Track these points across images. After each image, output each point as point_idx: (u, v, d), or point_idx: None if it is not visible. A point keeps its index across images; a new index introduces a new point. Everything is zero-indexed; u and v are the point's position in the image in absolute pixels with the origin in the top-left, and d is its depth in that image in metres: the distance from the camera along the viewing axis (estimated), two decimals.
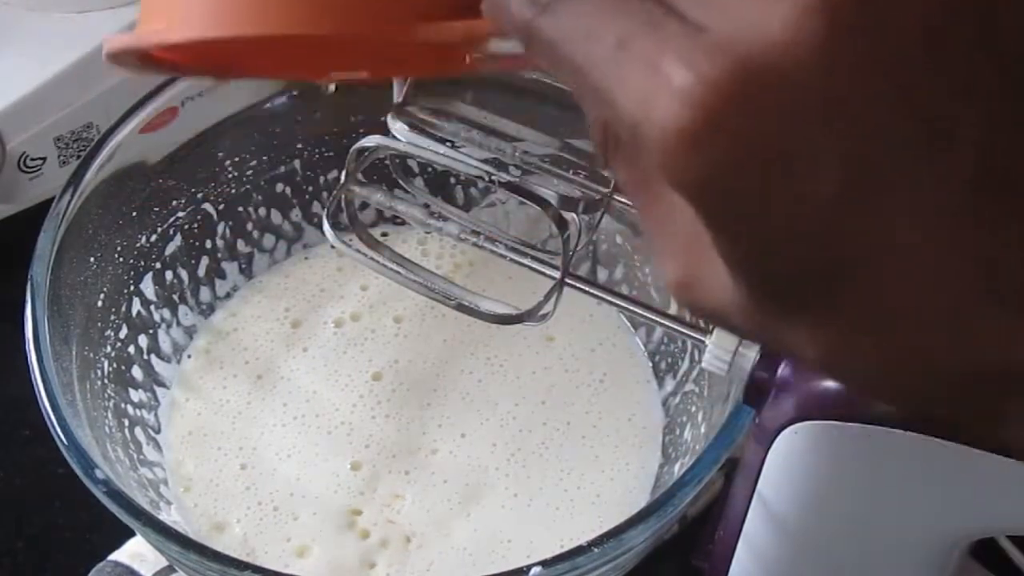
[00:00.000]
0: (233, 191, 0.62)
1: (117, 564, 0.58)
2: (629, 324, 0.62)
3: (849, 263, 0.27)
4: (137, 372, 0.59)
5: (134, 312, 0.59)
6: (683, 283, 0.30)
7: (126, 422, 0.57)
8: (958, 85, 0.26)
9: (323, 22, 0.32)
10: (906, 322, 0.27)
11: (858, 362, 0.29)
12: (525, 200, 0.49)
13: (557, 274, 0.50)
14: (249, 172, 0.62)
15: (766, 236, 0.27)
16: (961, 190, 0.26)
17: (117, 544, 0.58)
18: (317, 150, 0.63)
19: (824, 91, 0.25)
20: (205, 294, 0.62)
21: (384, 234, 0.65)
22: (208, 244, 0.62)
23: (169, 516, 0.55)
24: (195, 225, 0.62)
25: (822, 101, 0.25)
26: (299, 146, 0.63)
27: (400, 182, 0.60)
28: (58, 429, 0.49)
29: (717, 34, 0.26)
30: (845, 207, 0.26)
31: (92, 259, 0.56)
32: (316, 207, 0.64)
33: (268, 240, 0.64)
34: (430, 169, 0.62)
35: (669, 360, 0.60)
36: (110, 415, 0.55)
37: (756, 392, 0.45)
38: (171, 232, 0.61)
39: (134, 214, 0.59)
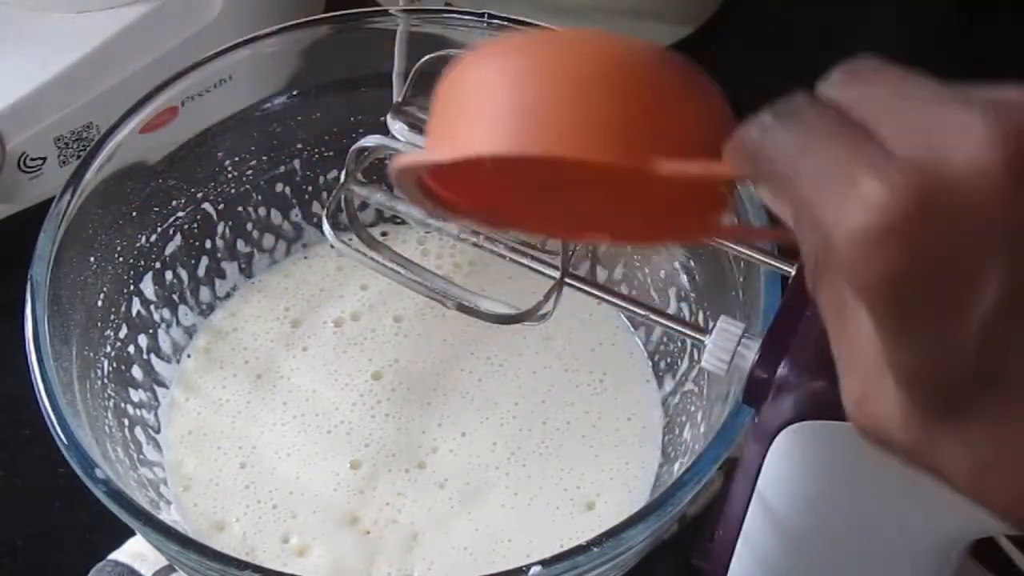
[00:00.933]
0: (233, 191, 0.62)
1: (117, 564, 0.58)
2: (629, 324, 0.62)
3: (1005, 375, 0.30)
4: (137, 372, 0.59)
5: (134, 312, 0.59)
6: (858, 400, 0.33)
7: (126, 422, 0.57)
8: None
9: (562, 145, 0.34)
10: None
11: (1005, 480, 0.31)
12: None
13: (556, 274, 0.50)
14: (249, 172, 0.62)
15: (931, 340, 0.30)
16: None
17: (117, 544, 0.58)
18: (317, 150, 0.63)
19: (996, 215, 0.29)
20: (205, 294, 0.63)
21: (384, 234, 0.65)
22: (208, 244, 0.62)
23: (169, 515, 0.55)
24: (195, 225, 0.62)
25: (994, 223, 0.29)
26: (299, 146, 0.63)
27: None
28: (58, 429, 0.49)
29: (911, 158, 0.29)
30: (1005, 317, 0.29)
31: (92, 259, 0.56)
32: (316, 207, 0.64)
33: (268, 240, 0.64)
34: None
35: (668, 360, 0.60)
36: (110, 415, 0.55)
37: (756, 392, 0.45)
38: (171, 232, 0.61)
39: (134, 214, 0.59)
